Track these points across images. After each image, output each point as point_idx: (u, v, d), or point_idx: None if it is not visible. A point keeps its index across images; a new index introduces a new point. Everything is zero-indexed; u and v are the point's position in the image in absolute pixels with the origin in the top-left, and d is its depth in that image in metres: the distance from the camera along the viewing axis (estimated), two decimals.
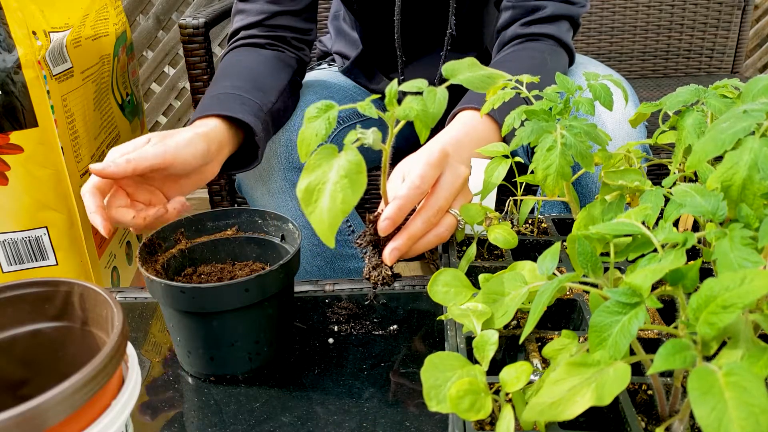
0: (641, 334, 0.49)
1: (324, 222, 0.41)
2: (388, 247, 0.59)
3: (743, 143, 0.37)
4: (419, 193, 0.59)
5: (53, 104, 0.96)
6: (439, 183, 0.61)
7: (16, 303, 0.45)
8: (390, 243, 0.59)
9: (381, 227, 0.58)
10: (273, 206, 0.96)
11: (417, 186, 0.59)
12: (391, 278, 0.61)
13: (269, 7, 0.96)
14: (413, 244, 0.60)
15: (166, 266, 0.66)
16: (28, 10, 0.94)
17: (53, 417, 0.34)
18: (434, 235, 0.61)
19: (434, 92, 0.49)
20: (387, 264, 0.60)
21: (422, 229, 0.60)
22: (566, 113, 0.54)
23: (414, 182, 0.59)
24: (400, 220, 0.58)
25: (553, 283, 0.39)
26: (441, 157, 0.61)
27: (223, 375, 0.61)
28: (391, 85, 0.49)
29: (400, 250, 0.59)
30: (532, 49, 0.91)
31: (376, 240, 0.61)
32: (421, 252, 0.62)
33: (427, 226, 0.60)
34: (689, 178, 0.56)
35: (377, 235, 0.60)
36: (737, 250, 0.35)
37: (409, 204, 0.58)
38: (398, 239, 0.59)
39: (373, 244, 0.61)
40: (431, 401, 0.39)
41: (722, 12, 1.71)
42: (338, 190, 0.41)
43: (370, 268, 0.61)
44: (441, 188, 0.61)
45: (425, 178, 0.59)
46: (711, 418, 0.28)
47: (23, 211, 0.98)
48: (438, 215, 0.61)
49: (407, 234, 0.59)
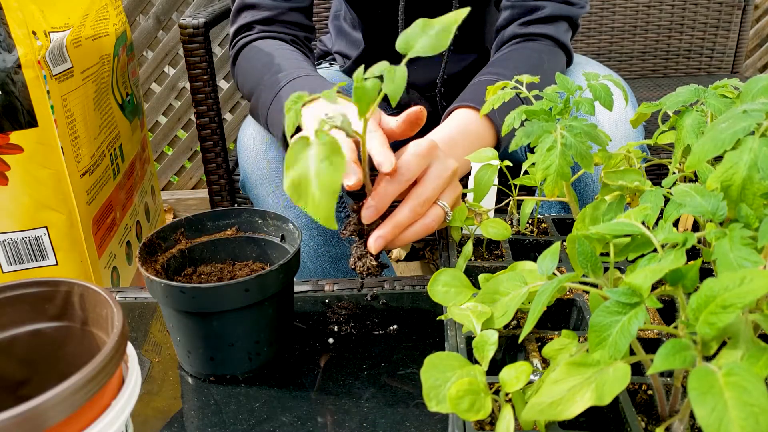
0: (641, 334, 0.49)
1: (319, 208, 0.42)
2: (372, 235, 0.59)
3: (743, 143, 0.37)
4: (404, 181, 0.59)
5: (53, 104, 0.96)
6: (426, 174, 0.61)
7: (16, 303, 0.45)
8: (375, 231, 0.59)
9: (364, 216, 0.58)
10: (277, 204, 0.96)
11: (401, 174, 0.58)
12: (376, 268, 0.61)
13: (280, 3, 0.97)
14: (399, 233, 0.60)
15: (166, 266, 0.66)
16: (28, 10, 0.94)
17: (53, 417, 0.34)
18: (421, 225, 0.61)
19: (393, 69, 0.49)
20: (372, 252, 0.60)
21: (408, 218, 0.60)
22: (566, 113, 0.54)
23: (398, 170, 0.58)
24: (383, 208, 0.58)
25: (552, 283, 0.39)
26: (429, 149, 0.61)
27: (223, 375, 0.61)
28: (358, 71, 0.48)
29: (385, 238, 0.59)
30: (529, 49, 0.91)
31: (360, 229, 0.60)
32: (408, 242, 0.62)
33: (413, 215, 0.60)
34: (689, 178, 0.56)
35: (362, 224, 0.60)
36: (737, 250, 0.35)
37: (393, 192, 0.58)
38: (383, 228, 0.59)
39: (358, 233, 0.61)
40: (431, 401, 0.39)
41: (722, 12, 1.71)
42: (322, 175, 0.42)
43: (356, 258, 0.61)
44: (428, 179, 0.61)
45: (410, 167, 0.59)
46: (711, 418, 0.28)
47: (23, 211, 0.98)
48: (425, 206, 0.61)
49: (393, 222, 0.59)
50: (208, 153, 1.28)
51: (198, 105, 1.25)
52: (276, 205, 0.95)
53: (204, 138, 1.27)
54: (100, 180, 1.13)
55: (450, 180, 0.62)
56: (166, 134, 2.14)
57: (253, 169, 0.95)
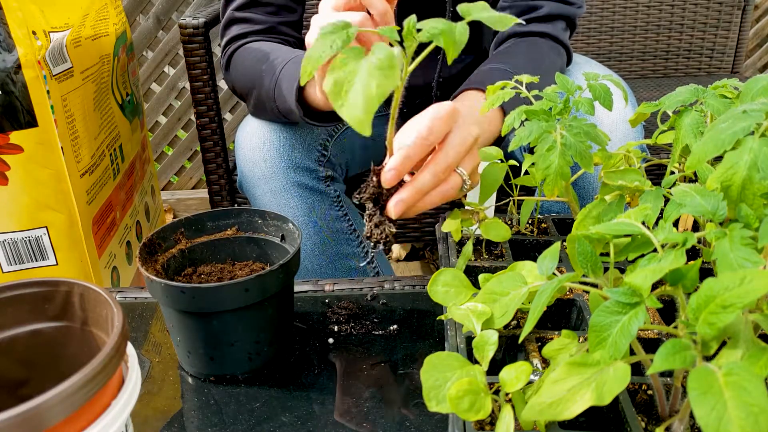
0: (641, 334, 0.49)
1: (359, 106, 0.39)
2: (393, 198, 0.57)
3: (743, 143, 0.37)
4: (427, 145, 0.57)
5: (53, 104, 0.96)
6: (448, 139, 0.59)
7: (16, 303, 0.45)
8: (396, 195, 0.57)
9: (385, 178, 0.55)
10: (275, 205, 0.96)
11: (424, 137, 0.56)
12: (393, 236, 0.59)
13: (271, 18, 0.98)
14: (420, 198, 0.58)
15: (166, 266, 0.66)
16: (28, 10, 0.94)
17: (53, 417, 0.34)
18: (439, 193, 0.59)
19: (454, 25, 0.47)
20: (392, 216, 0.57)
21: (430, 183, 0.58)
22: (566, 113, 0.54)
23: (421, 133, 0.56)
24: (405, 171, 0.56)
25: (552, 283, 0.39)
26: (451, 112, 0.58)
27: (223, 375, 0.61)
28: (410, 18, 0.46)
29: (406, 202, 0.57)
30: (529, 43, 0.92)
31: (378, 193, 0.58)
32: (424, 209, 0.60)
33: (435, 180, 0.58)
34: (689, 178, 0.56)
35: (380, 188, 0.57)
36: (737, 250, 0.35)
37: (415, 155, 0.56)
38: (404, 191, 0.57)
39: (374, 199, 0.58)
40: (431, 401, 0.39)
41: (722, 12, 1.71)
42: (372, 77, 0.39)
43: (372, 225, 0.58)
44: (450, 144, 0.58)
45: (433, 130, 0.57)
46: (711, 417, 0.28)
47: (23, 211, 0.98)
48: (447, 171, 0.58)
49: (414, 186, 0.57)
50: (208, 153, 1.28)
51: (198, 105, 1.25)
52: (273, 206, 0.95)
53: (204, 138, 1.27)
54: (100, 180, 1.13)
55: (471, 147, 0.60)
56: (166, 134, 2.14)
57: (250, 168, 0.95)
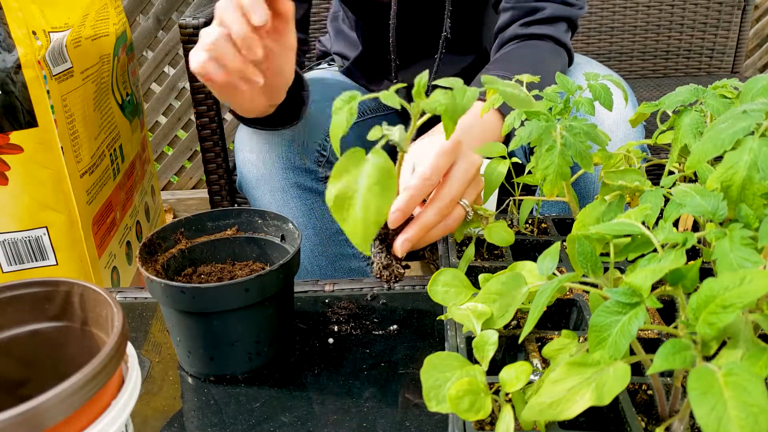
0: (641, 334, 0.49)
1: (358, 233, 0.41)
2: (399, 238, 0.58)
3: (743, 143, 0.37)
4: (430, 185, 0.58)
5: (53, 104, 0.96)
6: (451, 172, 0.60)
7: (16, 303, 0.45)
8: (401, 234, 0.58)
9: (391, 219, 0.56)
10: (274, 205, 0.96)
11: (428, 177, 0.57)
12: (402, 274, 0.60)
13: None
14: (425, 234, 0.59)
15: (166, 266, 0.66)
16: (28, 10, 0.94)
17: (53, 417, 0.34)
18: (443, 227, 0.60)
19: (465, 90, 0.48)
20: (398, 255, 0.58)
21: (435, 220, 0.59)
22: (566, 113, 0.54)
23: (425, 173, 0.57)
24: (410, 211, 0.57)
25: (552, 283, 0.39)
26: (454, 146, 0.59)
27: (223, 375, 0.61)
28: (421, 76, 0.47)
29: (411, 241, 0.58)
30: (531, 47, 0.92)
31: (384, 233, 0.59)
32: (428, 244, 0.61)
33: (439, 216, 0.59)
34: (689, 178, 0.56)
35: (386, 228, 0.58)
36: (737, 250, 0.35)
37: (419, 195, 0.57)
38: (410, 230, 0.58)
39: (381, 238, 0.59)
40: (431, 401, 0.39)
41: (722, 12, 1.71)
42: (370, 198, 0.40)
43: (381, 267, 0.59)
44: (454, 178, 0.59)
45: (436, 169, 0.58)
46: (710, 417, 0.28)
47: (23, 211, 0.98)
48: (451, 206, 0.60)
49: (419, 224, 0.58)
50: (208, 153, 1.28)
51: (198, 105, 1.25)
52: (273, 206, 0.96)
53: (204, 138, 1.27)
54: (100, 180, 1.13)
55: (474, 177, 0.61)
56: (166, 134, 2.14)
57: (249, 169, 0.95)
